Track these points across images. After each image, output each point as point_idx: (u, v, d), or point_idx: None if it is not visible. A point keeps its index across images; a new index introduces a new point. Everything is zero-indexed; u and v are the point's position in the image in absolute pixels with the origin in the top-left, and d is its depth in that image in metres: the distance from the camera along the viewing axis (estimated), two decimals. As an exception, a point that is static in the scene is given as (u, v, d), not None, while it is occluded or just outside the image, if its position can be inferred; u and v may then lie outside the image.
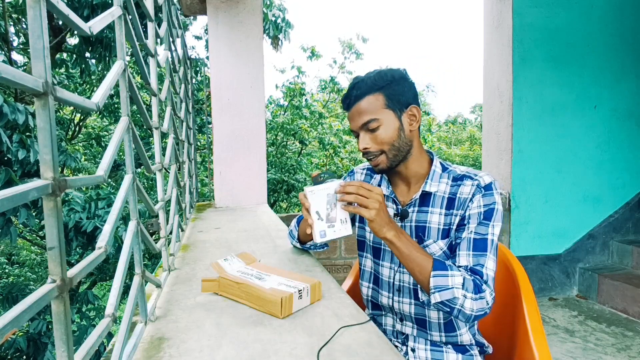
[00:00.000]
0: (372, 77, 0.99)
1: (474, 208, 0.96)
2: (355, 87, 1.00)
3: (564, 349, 2.20)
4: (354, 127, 1.02)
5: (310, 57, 6.94)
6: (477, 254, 0.93)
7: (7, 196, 0.37)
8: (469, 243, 0.95)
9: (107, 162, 0.61)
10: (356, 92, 1.00)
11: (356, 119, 1.00)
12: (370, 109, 0.98)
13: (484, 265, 0.92)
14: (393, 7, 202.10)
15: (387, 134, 0.98)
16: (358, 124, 1.00)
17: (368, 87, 0.98)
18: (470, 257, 0.93)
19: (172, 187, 1.35)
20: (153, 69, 1.15)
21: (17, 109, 3.07)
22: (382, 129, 0.98)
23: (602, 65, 2.91)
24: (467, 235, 0.95)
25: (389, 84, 0.98)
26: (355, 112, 1.00)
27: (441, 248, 1.01)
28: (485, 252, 0.93)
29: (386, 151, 0.99)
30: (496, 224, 0.95)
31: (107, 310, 0.60)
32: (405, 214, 1.05)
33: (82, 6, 3.99)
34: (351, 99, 1.01)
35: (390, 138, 0.98)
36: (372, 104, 0.98)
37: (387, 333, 1.13)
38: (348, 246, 2.78)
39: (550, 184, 2.90)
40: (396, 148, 0.99)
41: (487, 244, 0.94)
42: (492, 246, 0.94)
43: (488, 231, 0.94)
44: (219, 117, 2.52)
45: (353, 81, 1.03)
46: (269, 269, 1.05)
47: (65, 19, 0.49)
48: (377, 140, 0.99)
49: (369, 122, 0.98)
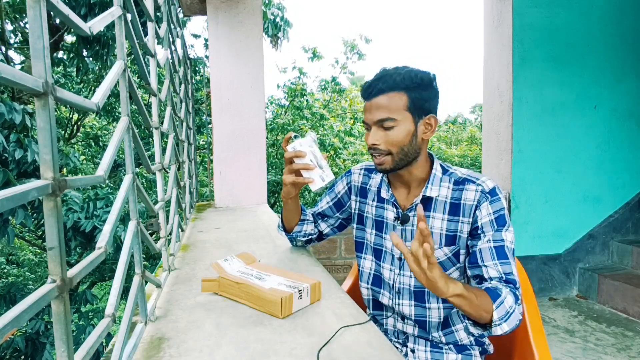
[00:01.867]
0: (401, 74, 0.95)
1: (484, 217, 0.96)
2: (381, 80, 0.96)
3: (564, 349, 2.20)
4: (369, 119, 0.98)
5: (311, 58, 6.93)
6: (503, 262, 0.94)
7: (7, 196, 0.37)
8: (491, 253, 0.94)
9: (107, 162, 0.61)
10: (381, 84, 0.95)
11: (373, 112, 0.97)
12: (391, 107, 0.95)
13: (512, 272, 0.93)
14: (393, 6, 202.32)
15: (400, 137, 0.96)
16: (374, 118, 0.97)
17: (394, 84, 0.95)
18: (498, 267, 0.93)
19: (172, 187, 1.35)
20: (153, 69, 1.15)
21: (14, 108, 3.06)
22: (397, 130, 0.96)
23: (602, 65, 2.91)
24: (486, 245, 0.95)
25: (416, 87, 0.95)
26: (374, 105, 0.97)
27: (446, 254, 1.00)
28: (508, 259, 0.94)
29: (393, 153, 0.97)
30: (509, 229, 0.96)
31: (107, 310, 0.60)
32: (406, 219, 1.04)
33: (79, 5, 3.99)
34: (373, 90, 0.97)
35: (401, 141, 0.96)
36: (393, 102, 0.95)
37: (387, 333, 1.13)
38: (348, 246, 2.78)
39: (550, 184, 2.90)
40: (404, 152, 0.98)
41: (507, 250, 0.95)
42: (512, 252, 0.95)
43: (504, 237, 0.95)
44: (219, 117, 2.52)
45: (381, 72, 0.99)
46: (269, 269, 1.05)
47: (65, 18, 0.49)
48: (388, 140, 0.97)
49: (385, 120, 0.96)
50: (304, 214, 1.29)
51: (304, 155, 1.08)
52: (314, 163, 1.08)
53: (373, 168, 1.17)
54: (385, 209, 1.09)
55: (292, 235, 1.35)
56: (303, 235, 1.32)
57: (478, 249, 0.96)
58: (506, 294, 0.88)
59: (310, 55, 6.91)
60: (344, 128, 7.09)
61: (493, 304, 0.86)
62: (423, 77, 0.95)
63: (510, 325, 0.87)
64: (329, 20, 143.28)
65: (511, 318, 0.87)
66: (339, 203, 1.25)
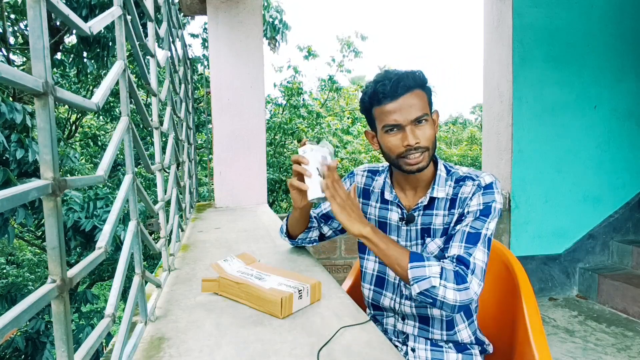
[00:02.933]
0: (414, 73, 0.97)
1: (473, 205, 0.97)
2: (403, 79, 0.95)
3: (564, 349, 2.20)
4: (402, 119, 0.95)
5: (306, 56, 6.92)
6: (468, 246, 0.93)
7: (7, 196, 0.37)
8: (462, 235, 0.95)
9: (107, 162, 0.61)
10: (408, 82, 0.95)
11: (409, 111, 0.95)
12: (422, 104, 0.96)
13: (471, 254, 0.92)
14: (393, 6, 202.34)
15: (433, 133, 0.98)
16: (411, 117, 0.95)
17: (415, 82, 0.96)
18: (461, 248, 0.93)
19: (172, 187, 1.35)
20: (153, 69, 1.15)
21: (14, 108, 3.06)
22: (429, 126, 0.97)
23: (602, 65, 2.91)
24: (461, 228, 0.96)
25: (426, 84, 0.98)
26: (405, 104, 0.95)
27: (439, 246, 1.02)
28: (475, 245, 0.93)
29: (430, 149, 0.98)
30: (492, 221, 0.96)
31: (107, 310, 0.60)
32: (411, 219, 1.05)
33: (80, 6, 3.99)
34: (399, 88, 0.94)
35: (432, 137, 0.98)
36: (422, 99, 0.96)
37: (387, 333, 1.13)
38: (348, 246, 2.78)
39: (550, 184, 2.90)
40: (434, 147, 0.99)
41: (480, 237, 0.94)
42: (485, 239, 0.94)
43: (483, 226, 0.95)
44: (219, 117, 2.51)
45: (394, 72, 0.97)
46: (269, 269, 1.05)
47: (66, 19, 0.49)
48: (426, 137, 0.96)
49: (423, 116, 0.95)
50: (310, 222, 1.29)
51: (307, 162, 1.05)
52: (317, 173, 1.04)
53: (376, 170, 1.17)
54: (389, 210, 1.10)
55: (295, 242, 1.35)
56: (307, 242, 1.33)
57: (455, 231, 0.97)
58: (435, 265, 0.89)
59: (305, 53, 6.91)
60: (342, 127, 7.08)
61: (409, 262, 0.90)
62: (424, 75, 0.99)
63: (422, 287, 0.88)
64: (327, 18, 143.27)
65: (425, 283, 0.88)
66: None
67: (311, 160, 1.05)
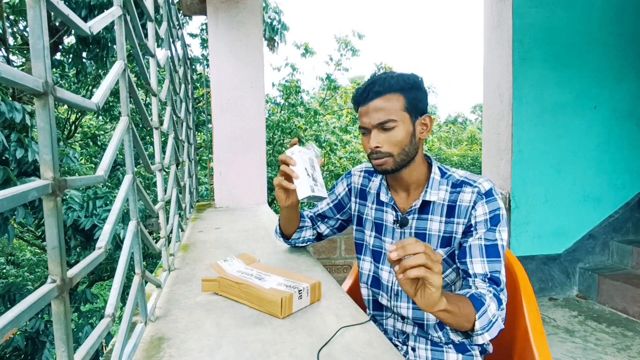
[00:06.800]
0: (395, 77, 0.97)
1: (479, 216, 0.97)
2: (376, 83, 0.97)
3: (564, 349, 2.20)
4: (368, 123, 0.98)
5: (304, 54, 6.92)
6: (491, 260, 0.93)
7: (7, 196, 0.37)
8: (481, 250, 0.95)
9: (107, 162, 0.61)
10: (378, 87, 0.96)
11: (372, 116, 0.97)
12: (390, 109, 0.96)
13: (498, 271, 0.93)
14: (393, 6, 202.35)
15: (401, 137, 0.97)
16: (374, 121, 0.97)
17: (390, 86, 0.96)
18: (485, 264, 0.93)
19: (172, 187, 1.35)
20: (153, 69, 1.15)
21: (14, 107, 3.06)
22: (397, 131, 0.96)
23: (602, 65, 2.91)
24: (477, 242, 0.95)
25: (410, 88, 0.97)
26: (372, 108, 0.97)
27: (441, 256, 1.01)
28: (498, 258, 0.94)
29: (395, 154, 0.98)
30: (503, 229, 0.96)
31: (107, 310, 0.60)
32: (405, 222, 1.05)
33: (80, 7, 3.99)
34: (370, 94, 0.97)
35: (402, 142, 0.97)
36: (392, 104, 0.96)
37: (387, 332, 1.13)
38: (348, 246, 2.78)
39: (550, 184, 2.90)
40: (405, 153, 0.98)
41: (498, 249, 0.94)
42: (502, 252, 0.95)
43: (497, 237, 0.95)
44: (219, 117, 2.51)
45: (373, 77, 1.00)
46: (269, 269, 1.05)
47: (66, 19, 0.49)
48: (390, 141, 0.97)
49: (387, 121, 0.96)
50: (302, 221, 1.29)
51: (294, 162, 1.07)
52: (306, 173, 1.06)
53: (373, 170, 1.17)
54: (385, 212, 1.10)
55: (290, 242, 1.35)
56: (302, 242, 1.33)
57: (468, 245, 0.96)
58: (490, 301, 0.87)
59: (302, 51, 6.91)
60: (340, 125, 7.08)
61: (476, 313, 0.85)
62: (415, 79, 0.99)
63: (492, 334, 0.87)
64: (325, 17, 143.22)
65: (493, 328, 0.87)
66: (339, 204, 1.25)
67: (299, 160, 1.07)
